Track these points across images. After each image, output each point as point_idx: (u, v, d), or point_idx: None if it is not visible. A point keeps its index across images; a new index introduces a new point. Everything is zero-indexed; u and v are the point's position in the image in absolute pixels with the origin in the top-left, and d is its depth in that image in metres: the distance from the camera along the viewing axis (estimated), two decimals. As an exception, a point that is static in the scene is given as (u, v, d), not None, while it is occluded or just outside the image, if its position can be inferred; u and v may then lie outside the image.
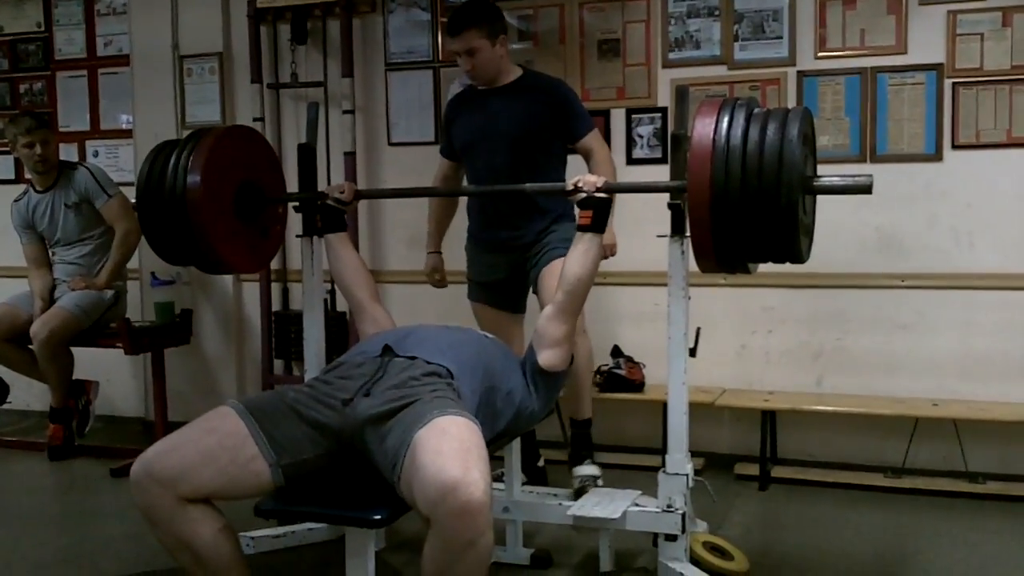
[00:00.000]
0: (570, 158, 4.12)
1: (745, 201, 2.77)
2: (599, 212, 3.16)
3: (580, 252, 3.17)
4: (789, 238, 2.81)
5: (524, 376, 3.12)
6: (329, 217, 3.55)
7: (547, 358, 3.14)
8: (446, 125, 4.25)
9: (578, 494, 3.68)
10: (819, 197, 3.11)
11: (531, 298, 4.18)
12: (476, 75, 3.99)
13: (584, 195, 3.17)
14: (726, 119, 2.83)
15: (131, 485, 2.52)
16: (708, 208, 2.80)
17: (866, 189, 2.91)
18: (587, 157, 4.01)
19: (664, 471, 3.29)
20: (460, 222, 4.34)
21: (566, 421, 4.30)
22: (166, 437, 2.63)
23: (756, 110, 2.90)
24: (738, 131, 2.80)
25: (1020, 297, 4.35)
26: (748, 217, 2.78)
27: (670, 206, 3.19)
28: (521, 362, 3.19)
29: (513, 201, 3.97)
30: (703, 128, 2.84)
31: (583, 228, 3.17)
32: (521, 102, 3.98)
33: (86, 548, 3.83)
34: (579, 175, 3.31)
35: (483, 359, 2.95)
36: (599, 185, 3.18)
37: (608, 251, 3.99)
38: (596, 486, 3.75)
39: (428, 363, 2.78)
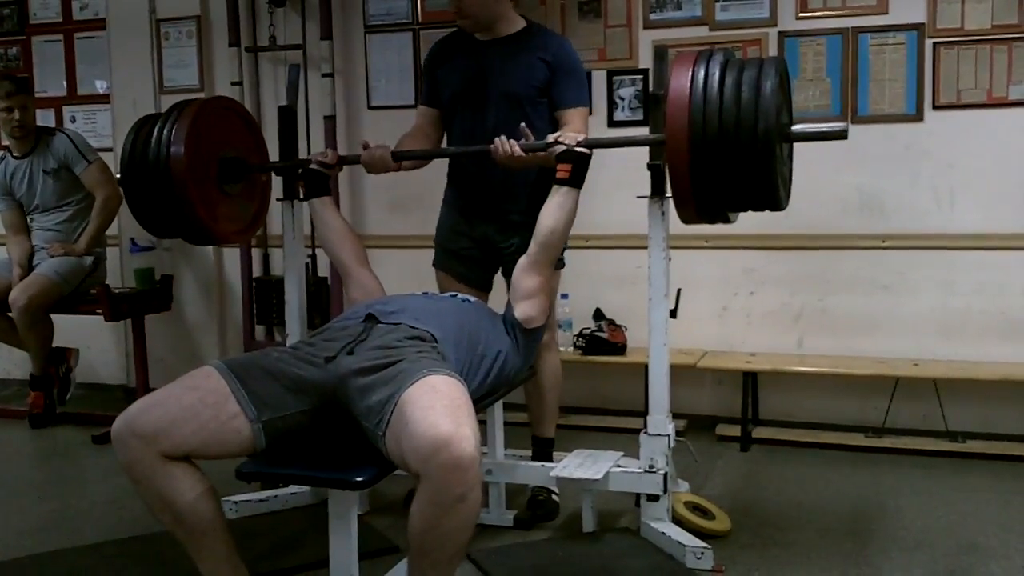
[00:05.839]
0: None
1: (723, 147, 2.81)
2: (578, 166, 3.18)
3: (555, 205, 3.20)
4: (767, 184, 2.87)
5: (508, 333, 3.14)
6: (312, 181, 3.52)
7: (523, 310, 3.18)
8: (430, 69, 3.80)
9: (530, 504, 3.66)
10: (802, 158, 3.13)
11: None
12: (465, 18, 3.56)
13: (564, 148, 3.18)
14: (703, 69, 2.87)
15: (113, 441, 2.52)
16: (687, 155, 2.84)
17: (841, 135, 2.97)
18: None
19: (646, 432, 3.31)
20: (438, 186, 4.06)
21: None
22: (149, 394, 2.63)
23: (731, 60, 2.93)
24: (715, 80, 2.84)
25: (1000, 257, 4.37)
26: (726, 163, 2.83)
27: (650, 167, 3.20)
28: (503, 318, 3.21)
29: (504, 171, 3.49)
30: (680, 78, 2.87)
31: (561, 181, 3.19)
32: (521, 58, 3.58)
33: (68, 515, 3.82)
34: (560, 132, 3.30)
35: (467, 327, 2.95)
36: (580, 139, 3.19)
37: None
38: (552, 499, 3.69)
39: (412, 328, 2.77)
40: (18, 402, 5.45)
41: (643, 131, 4.55)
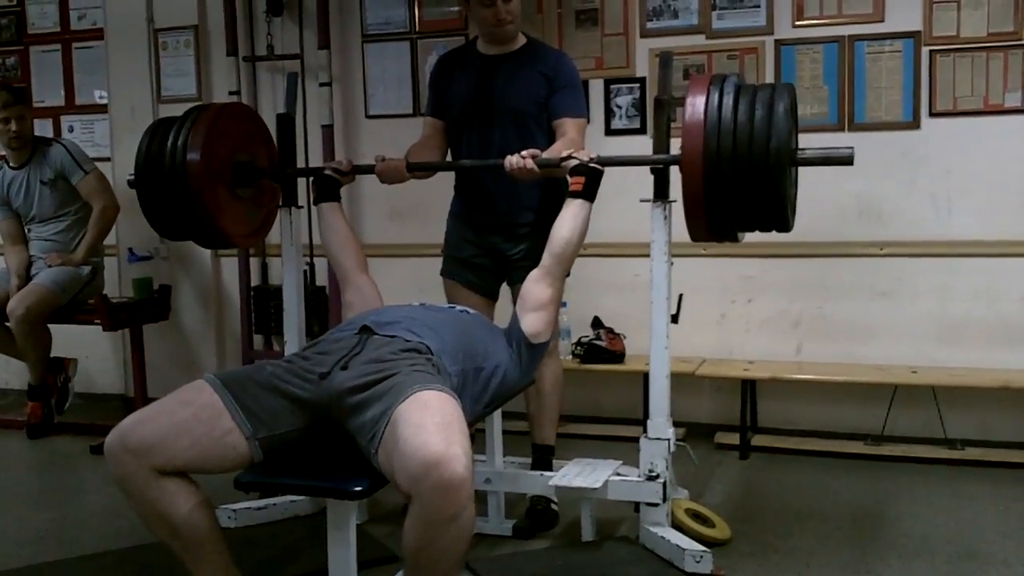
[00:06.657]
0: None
1: (736, 172, 2.88)
2: (591, 180, 3.21)
3: (569, 216, 3.20)
4: (778, 207, 2.95)
5: (510, 345, 3.10)
6: (324, 186, 3.56)
7: (531, 322, 3.12)
8: (437, 82, 3.83)
9: (529, 514, 3.64)
10: (800, 168, 3.16)
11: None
12: (506, 28, 3.59)
13: (577, 162, 3.22)
14: (716, 94, 2.94)
15: (106, 455, 2.50)
16: (701, 179, 2.91)
17: (847, 160, 3.02)
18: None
19: (646, 436, 3.31)
20: (444, 196, 4.06)
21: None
22: (141, 409, 2.61)
23: (743, 85, 3.00)
24: (729, 105, 2.91)
25: (997, 263, 4.38)
26: (739, 187, 2.91)
27: (653, 171, 3.21)
28: (506, 331, 3.17)
29: (512, 184, 3.48)
30: (695, 102, 2.94)
31: (574, 194, 3.21)
32: (523, 73, 3.64)
33: (66, 525, 3.82)
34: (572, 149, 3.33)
35: (464, 339, 2.91)
36: (592, 156, 3.23)
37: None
38: (551, 508, 3.68)
39: (407, 340, 2.74)
40: (16, 412, 5.43)
41: (641, 139, 4.63)
